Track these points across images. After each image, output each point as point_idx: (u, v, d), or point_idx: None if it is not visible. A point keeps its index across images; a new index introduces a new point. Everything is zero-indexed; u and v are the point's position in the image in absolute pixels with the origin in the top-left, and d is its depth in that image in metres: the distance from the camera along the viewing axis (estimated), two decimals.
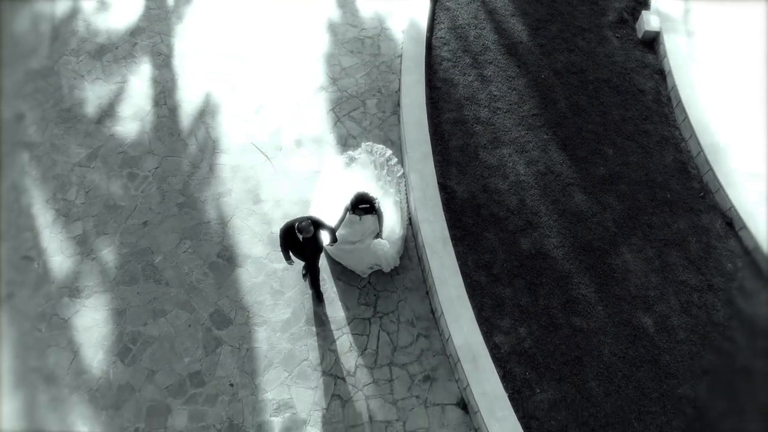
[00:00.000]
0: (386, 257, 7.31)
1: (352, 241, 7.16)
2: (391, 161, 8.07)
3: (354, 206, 6.84)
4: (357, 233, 7.10)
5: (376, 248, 7.16)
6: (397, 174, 8.03)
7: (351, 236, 7.12)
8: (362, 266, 7.42)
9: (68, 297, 7.40)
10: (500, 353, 6.71)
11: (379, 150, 8.10)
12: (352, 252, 7.27)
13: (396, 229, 7.48)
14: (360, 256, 7.28)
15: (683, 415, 6.33)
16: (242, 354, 7.08)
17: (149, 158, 8.48)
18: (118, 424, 6.65)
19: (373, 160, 8.03)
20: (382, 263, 7.36)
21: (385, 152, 8.08)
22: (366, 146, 8.17)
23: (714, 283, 7.10)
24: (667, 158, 8.02)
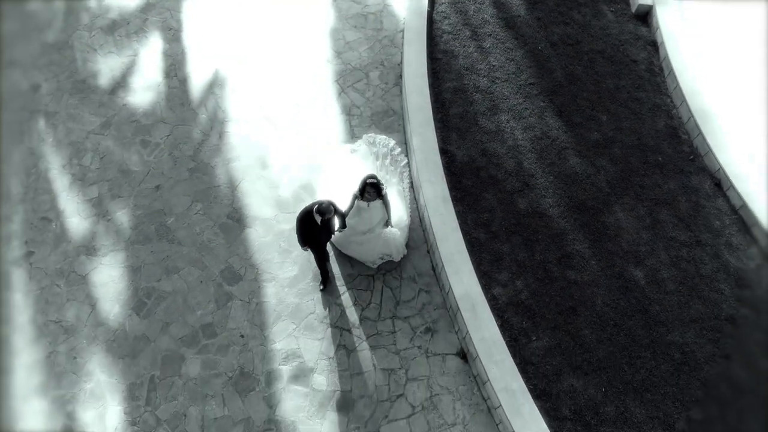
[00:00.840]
0: (396, 246, 7.39)
1: (362, 231, 7.17)
2: (395, 151, 8.14)
3: (362, 191, 6.86)
4: (366, 222, 7.11)
5: (388, 236, 7.23)
6: (401, 163, 8.11)
7: (360, 225, 7.13)
8: (373, 256, 7.46)
9: (85, 255, 7.74)
10: (498, 304, 7.04)
11: (381, 141, 8.16)
12: (362, 243, 7.30)
13: (404, 216, 7.57)
14: (371, 246, 7.31)
15: (671, 360, 6.66)
16: (252, 308, 7.42)
17: (161, 126, 8.81)
18: (134, 372, 6.99)
19: (375, 151, 8.09)
20: (393, 252, 7.43)
21: (388, 143, 8.17)
22: (367, 138, 8.23)
23: (702, 239, 7.42)
24: (658, 124, 8.34)
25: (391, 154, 8.09)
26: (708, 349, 6.73)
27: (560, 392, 6.52)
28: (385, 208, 7.09)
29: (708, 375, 6.56)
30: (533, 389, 6.51)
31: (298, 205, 8.12)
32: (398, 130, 8.76)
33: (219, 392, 6.87)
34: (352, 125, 8.84)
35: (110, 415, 6.74)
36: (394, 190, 7.76)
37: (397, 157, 8.11)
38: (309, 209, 6.47)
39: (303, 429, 6.67)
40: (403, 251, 7.55)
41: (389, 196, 7.43)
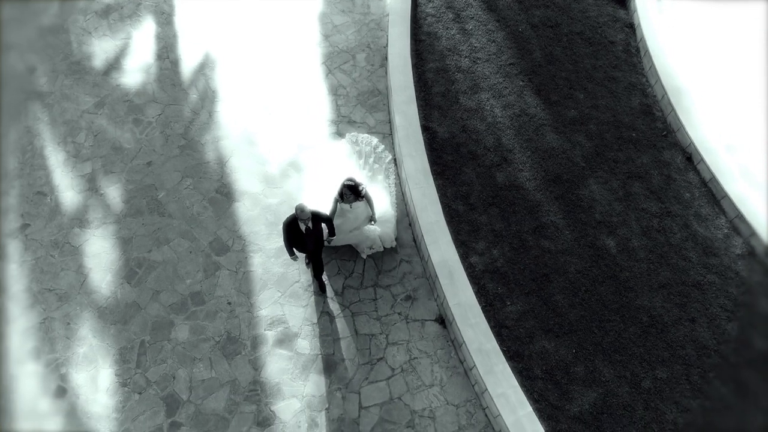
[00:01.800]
0: (383, 238, 7.53)
1: (348, 229, 7.34)
2: (378, 148, 8.20)
3: (342, 195, 7.00)
4: (351, 222, 7.26)
5: (369, 233, 7.37)
6: (385, 160, 8.16)
7: (346, 225, 7.28)
8: (361, 247, 7.62)
9: (78, 227, 8.03)
10: (475, 272, 7.32)
11: (364, 139, 8.24)
12: (350, 238, 7.48)
13: (389, 210, 7.67)
14: (358, 240, 7.50)
15: (639, 323, 6.93)
16: (239, 277, 7.70)
17: (153, 106, 9.10)
18: (125, 337, 7.28)
19: (358, 150, 8.16)
20: (377, 243, 7.55)
21: (371, 141, 8.23)
22: (350, 137, 8.31)
23: (672, 210, 7.69)
24: (633, 102, 8.61)
25: (375, 152, 8.16)
26: (675, 313, 7.00)
27: (533, 353, 6.80)
28: (368, 204, 7.23)
29: (674, 337, 6.83)
30: (507, 351, 6.79)
31: (285, 180, 8.42)
32: (383, 110, 9.04)
33: (207, 355, 7.16)
34: (339, 105, 9.13)
35: (102, 377, 7.03)
36: (379, 186, 7.85)
37: (381, 155, 8.17)
38: (293, 216, 6.54)
39: (287, 390, 6.96)
40: (391, 242, 7.68)
41: (375, 191, 7.61)
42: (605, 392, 6.56)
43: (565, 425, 6.39)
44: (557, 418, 6.43)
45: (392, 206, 7.77)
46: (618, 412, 6.45)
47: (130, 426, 6.75)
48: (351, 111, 9.06)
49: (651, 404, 6.49)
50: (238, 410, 6.84)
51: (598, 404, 6.51)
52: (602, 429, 6.38)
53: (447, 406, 6.88)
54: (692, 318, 6.95)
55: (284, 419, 6.79)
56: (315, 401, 6.90)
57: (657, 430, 6.34)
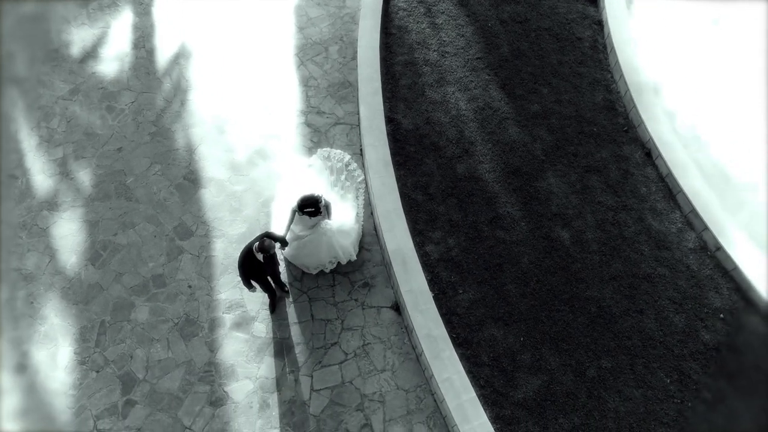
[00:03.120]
0: (342, 246, 7.35)
1: (301, 235, 7.17)
2: (350, 166, 8.12)
3: (300, 209, 6.96)
4: (306, 227, 7.15)
5: (324, 229, 7.11)
6: (357, 179, 8.07)
7: (300, 231, 7.17)
8: (320, 259, 7.37)
9: (47, 210, 8.21)
10: (430, 260, 7.44)
11: (336, 155, 8.15)
12: (305, 245, 7.22)
13: (348, 222, 7.50)
14: (314, 246, 7.22)
15: (588, 314, 7.03)
16: (201, 261, 7.86)
17: (126, 94, 9.27)
18: (86, 317, 7.45)
19: (330, 165, 8.06)
20: (338, 254, 7.39)
21: (343, 157, 8.14)
22: (322, 152, 8.20)
23: (628, 204, 7.79)
24: (597, 97, 8.71)
25: (347, 169, 8.09)
26: (623, 304, 7.10)
27: (481, 341, 6.92)
28: (327, 212, 7.13)
29: (621, 328, 6.93)
30: (456, 338, 6.91)
31: (251, 168, 8.57)
32: (352, 101, 9.17)
33: (165, 336, 7.32)
34: (309, 95, 9.26)
35: (61, 354, 7.20)
36: (348, 205, 7.75)
37: (353, 173, 8.10)
38: (249, 248, 6.41)
39: (241, 372, 7.11)
40: (351, 254, 7.54)
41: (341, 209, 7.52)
42: (550, 380, 6.67)
43: (509, 411, 6.50)
44: (501, 404, 6.55)
45: (357, 221, 7.63)
46: (561, 399, 6.56)
47: (86, 402, 6.91)
48: (321, 102, 9.19)
49: (594, 392, 6.59)
50: (192, 390, 7.00)
51: (542, 391, 6.62)
52: (545, 415, 6.49)
53: (397, 390, 7.00)
54: (640, 309, 7.05)
55: (237, 399, 6.94)
56: (268, 383, 7.04)
57: (598, 417, 6.44)
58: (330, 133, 8.88)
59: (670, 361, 6.75)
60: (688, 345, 6.84)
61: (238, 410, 6.88)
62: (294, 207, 7.00)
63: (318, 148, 8.40)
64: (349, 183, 8.01)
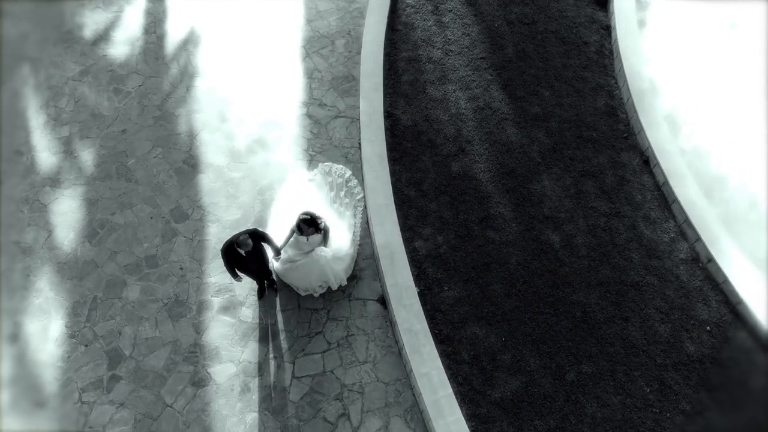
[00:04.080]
0: (334, 272, 7.20)
1: (295, 259, 7.07)
2: (351, 182, 8.02)
3: (299, 227, 6.82)
4: (303, 252, 7.03)
5: (319, 256, 6.95)
6: (356, 196, 7.94)
7: (296, 256, 7.07)
8: (311, 284, 7.29)
9: (50, 186, 8.41)
10: (418, 255, 7.47)
11: (337, 171, 8.06)
12: (297, 269, 7.11)
13: (344, 247, 7.33)
14: (306, 271, 7.11)
15: (572, 318, 7.00)
16: (194, 244, 7.99)
17: (134, 77, 9.45)
18: (79, 292, 7.62)
19: (330, 181, 7.97)
20: (330, 279, 7.26)
21: (344, 173, 8.05)
22: (324, 167, 8.13)
23: (622, 210, 7.72)
24: (599, 102, 8.64)
25: (347, 185, 7.99)
26: (609, 310, 7.05)
27: (462, 338, 6.93)
28: (324, 237, 7.01)
29: (604, 334, 6.89)
30: (438, 334, 6.94)
31: (250, 156, 8.68)
32: (355, 95, 9.22)
33: (153, 316, 7.46)
34: (312, 87, 9.35)
35: (53, 327, 7.38)
36: (345, 224, 7.61)
37: (353, 190, 7.98)
38: (232, 241, 6.50)
39: (225, 354, 7.22)
40: (342, 280, 7.41)
41: (338, 228, 7.41)
42: (528, 381, 6.66)
43: (485, 409, 6.51)
44: (478, 402, 6.56)
45: (349, 245, 7.44)
46: (538, 401, 6.55)
47: (73, 375, 7.08)
48: (323, 94, 9.27)
49: (572, 397, 6.57)
50: (176, 369, 7.13)
51: (520, 392, 6.61)
52: (521, 416, 6.48)
53: (377, 383, 7.05)
54: (625, 317, 7.00)
55: (219, 381, 7.05)
56: (250, 367, 7.14)
57: (575, 422, 6.42)
58: (330, 126, 8.95)
59: (652, 370, 6.69)
60: (672, 355, 6.77)
61: (219, 392, 6.99)
62: (293, 227, 6.86)
63: (320, 162, 8.30)
64: (348, 200, 7.87)
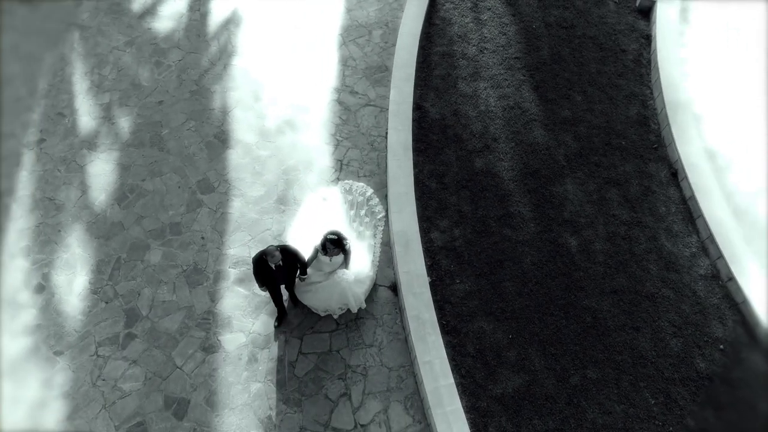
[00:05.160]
0: (354, 295, 7.06)
1: (316, 281, 6.95)
2: (372, 200, 7.86)
3: (324, 247, 6.60)
4: (323, 274, 6.91)
5: (341, 279, 6.84)
6: (377, 216, 7.79)
7: (316, 277, 6.94)
8: (330, 306, 7.17)
9: (87, 149, 8.76)
10: (433, 246, 7.53)
11: (358, 189, 7.92)
12: (318, 290, 7.00)
13: (364, 269, 7.21)
14: (327, 294, 7.00)
15: (582, 322, 6.95)
16: (217, 216, 8.21)
17: (175, 52, 9.75)
18: (105, 251, 7.92)
19: (350, 199, 7.83)
20: (350, 301, 7.11)
21: (365, 191, 7.91)
22: (344, 185, 8.01)
23: (644, 221, 7.62)
24: (631, 111, 8.54)
25: (368, 204, 7.83)
26: (620, 319, 6.98)
27: (469, 332, 6.96)
28: (346, 260, 6.84)
29: (614, 341, 6.82)
30: (445, 325, 6.98)
31: (279, 136, 8.87)
32: (386, 85, 9.31)
33: (172, 280, 7.71)
34: (345, 75, 9.49)
35: (77, 282, 7.69)
36: (364, 244, 7.47)
37: (374, 209, 7.82)
38: (261, 254, 6.45)
39: (236, 324, 7.41)
40: (361, 302, 7.24)
41: (358, 249, 7.25)
42: (531, 380, 6.65)
43: (485, 403, 6.53)
44: (479, 395, 6.58)
45: (372, 267, 7.33)
46: (539, 401, 6.53)
47: (91, 329, 7.37)
48: (355, 82, 9.40)
49: (574, 400, 6.53)
50: (188, 333, 7.35)
51: (522, 390, 6.61)
52: (520, 414, 6.48)
53: (381, 367, 7.13)
54: (637, 327, 6.91)
55: (228, 350, 7.24)
56: (259, 339, 7.31)
57: (574, 425, 6.38)
58: (359, 114, 9.08)
59: (659, 382, 6.60)
60: (681, 370, 6.67)
61: (227, 359, 7.18)
62: (318, 246, 6.66)
63: (340, 180, 8.19)
64: (368, 219, 7.71)
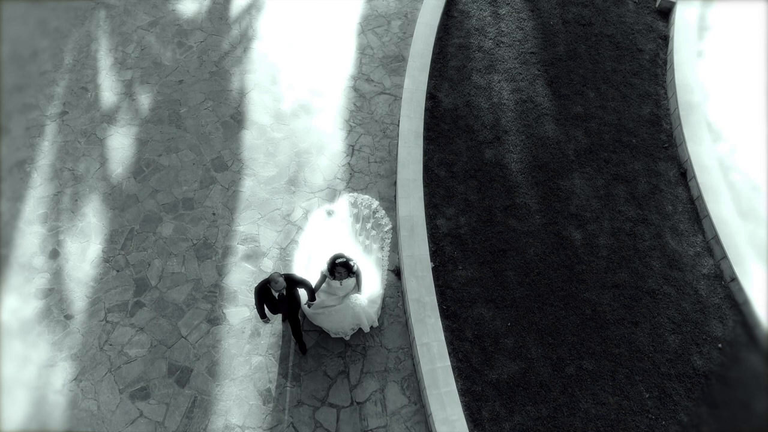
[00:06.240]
0: (367, 315, 6.96)
1: (331, 304, 6.80)
2: (378, 213, 7.81)
3: (331, 271, 6.43)
4: (337, 298, 6.76)
5: (354, 304, 6.71)
6: (384, 228, 7.75)
7: (329, 301, 6.78)
8: (344, 328, 7.06)
9: (107, 123, 9.01)
10: (438, 233, 7.63)
11: (364, 201, 7.86)
12: (331, 314, 6.86)
13: (376, 289, 7.10)
14: (340, 317, 6.87)
15: (581, 314, 7.00)
16: (229, 193, 8.40)
17: (197, 33, 9.97)
18: (119, 222, 8.16)
19: (356, 213, 7.74)
20: (363, 322, 7.01)
21: (371, 204, 7.87)
22: (349, 197, 7.95)
23: (649, 218, 7.64)
24: (644, 110, 8.55)
25: (374, 216, 7.77)
26: (620, 313, 7.01)
27: (469, 317, 7.05)
28: (357, 281, 6.70)
29: (612, 334, 6.86)
30: (445, 310, 7.08)
31: (294, 120, 9.05)
32: (402, 75, 9.42)
33: (182, 253, 7.91)
34: (362, 63, 9.62)
35: (91, 250, 7.94)
36: (372, 258, 7.40)
37: (380, 221, 7.77)
38: (265, 282, 6.31)
39: (241, 299, 7.58)
40: (374, 321, 7.16)
41: (366, 264, 7.16)
42: (527, 368, 6.72)
43: (480, 388, 6.62)
44: (474, 379, 6.67)
45: (381, 283, 7.27)
46: (534, 389, 6.60)
47: (102, 296, 7.61)
48: (372, 70, 9.53)
49: (569, 390, 6.59)
50: (195, 305, 7.54)
51: (517, 377, 6.68)
52: (514, 400, 6.56)
53: (380, 347, 7.25)
54: (636, 321, 6.94)
55: (232, 323, 7.42)
56: None
57: (567, 414, 6.44)
58: (374, 101, 9.20)
59: (655, 377, 6.63)
60: (677, 366, 6.69)
61: (231, 332, 7.36)
62: (324, 271, 6.50)
63: (346, 192, 8.10)
64: (375, 232, 7.67)
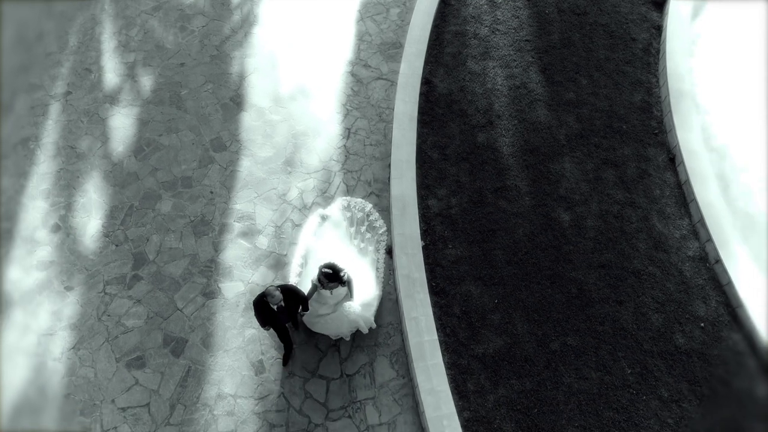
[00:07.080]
0: (364, 319, 6.97)
1: (325, 312, 6.79)
2: (372, 216, 7.82)
3: (321, 281, 6.41)
4: (329, 307, 6.74)
5: (348, 312, 6.77)
6: (378, 231, 7.77)
7: (323, 309, 6.77)
8: (342, 331, 7.04)
9: (109, 104, 9.22)
10: (429, 213, 7.79)
11: (357, 205, 7.86)
12: (327, 322, 6.87)
13: (370, 292, 7.13)
14: (337, 323, 6.88)
15: (567, 293, 7.15)
16: (227, 173, 8.59)
17: (199, 18, 10.17)
18: (119, 199, 8.37)
19: (349, 216, 7.74)
20: (360, 326, 7.01)
21: (364, 207, 7.87)
22: (342, 201, 7.95)
23: (637, 202, 7.78)
24: (635, 97, 8.68)
25: (368, 219, 7.80)
26: (604, 292, 7.16)
27: (457, 294, 7.21)
28: (349, 288, 6.68)
29: (596, 312, 7.01)
30: (434, 286, 7.25)
31: (291, 103, 9.23)
32: (399, 61, 9.59)
33: (179, 230, 8.11)
34: (360, 49, 9.80)
35: (91, 225, 8.15)
36: (367, 260, 7.44)
37: (374, 223, 7.79)
38: (262, 295, 6.34)
39: (236, 274, 7.77)
40: (371, 323, 7.12)
41: (361, 267, 7.21)
42: (512, 343, 6.88)
43: (465, 361, 6.78)
44: (460, 353, 6.83)
45: (377, 285, 7.28)
46: (518, 363, 6.76)
47: (101, 269, 7.81)
48: (369, 57, 9.70)
49: (552, 365, 6.74)
50: (191, 279, 7.74)
51: (503, 352, 6.84)
52: (499, 373, 6.72)
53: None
54: (620, 300, 7.09)
55: (227, 297, 7.62)
56: (257, 289, 7.65)
57: (550, 387, 6.59)
58: (370, 86, 9.38)
59: (637, 354, 6.77)
60: (659, 344, 6.83)
61: (225, 306, 7.55)
62: (314, 281, 6.50)
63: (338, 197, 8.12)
64: (370, 235, 7.70)
